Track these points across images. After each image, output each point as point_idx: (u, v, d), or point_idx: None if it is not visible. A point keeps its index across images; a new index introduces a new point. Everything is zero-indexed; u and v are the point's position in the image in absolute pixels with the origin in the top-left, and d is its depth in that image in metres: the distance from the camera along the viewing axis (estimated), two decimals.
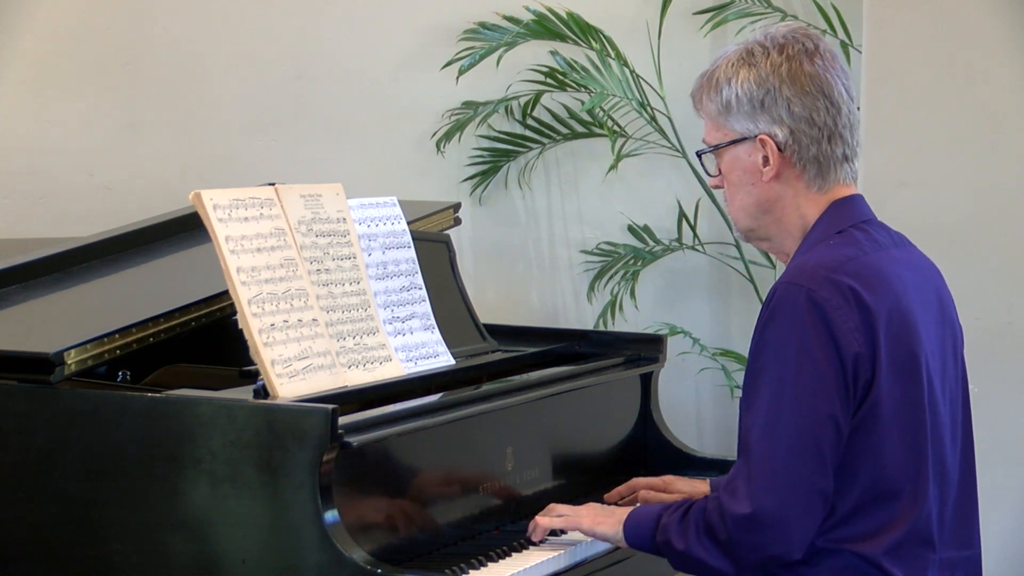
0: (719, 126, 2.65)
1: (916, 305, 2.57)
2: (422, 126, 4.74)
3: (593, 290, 4.70)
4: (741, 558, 2.52)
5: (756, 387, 2.52)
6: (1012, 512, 3.94)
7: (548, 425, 3.14)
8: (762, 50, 2.61)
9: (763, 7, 4.59)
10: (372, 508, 2.70)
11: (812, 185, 2.61)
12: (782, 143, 2.59)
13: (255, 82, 4.74)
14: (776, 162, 2.60)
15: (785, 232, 2.65)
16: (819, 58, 2.61)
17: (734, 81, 2.61)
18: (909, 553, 2.52)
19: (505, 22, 4.63)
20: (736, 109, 2.61)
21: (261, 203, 2.87)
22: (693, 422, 4.81)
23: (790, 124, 2.59)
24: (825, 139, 2.59)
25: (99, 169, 4.73)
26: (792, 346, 2.49)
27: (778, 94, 2.58)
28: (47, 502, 2.77)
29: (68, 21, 4.72)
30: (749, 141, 2.61)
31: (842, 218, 2.61)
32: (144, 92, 4.73)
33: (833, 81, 2.60)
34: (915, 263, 2.65)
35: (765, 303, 2.56)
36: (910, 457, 2.52)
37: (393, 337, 3.04)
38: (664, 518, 2.62)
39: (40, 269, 3.26)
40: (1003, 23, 3.89)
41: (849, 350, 2.47)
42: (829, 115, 2.59)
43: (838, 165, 2.61)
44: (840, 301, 2.48)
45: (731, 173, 2.65)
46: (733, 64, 2.62)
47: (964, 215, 3.93)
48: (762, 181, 2.62)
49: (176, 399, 2.70)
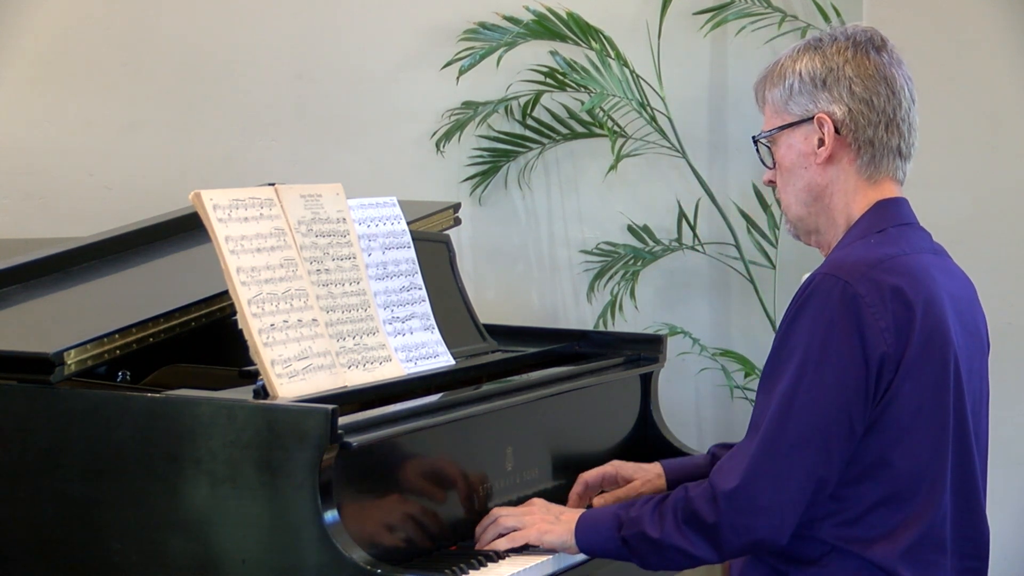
0: (778, 111, 2.67)
1: (949, 310, 2.56)
2: (422, 126, 4.74)
3: (593, 290, 4.70)
4: (726, 542, 2.52)
5: (778, 372, 2.53)
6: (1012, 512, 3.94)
7: (548, 425, 3.14)
8: (831, 38, 2.65)
9: (763, 7, 4.59)
10: (372, 508, 2.69)
11: (863, 171, 2.62)
12: (839, 121, 2.61)
13: (255, 82, 4.74)
14: (831, 143, 2.61)
15: (831, 223, 2.65)
16: (886, 53, 2.64)
17: (798, 64, 2.64)
18: (922, 558, 2.52)
19: (505, 22, 4.63)
20: (798, 90, 2.63)
21: (261, 203, 2.87)
22: (693, 422, 4.81)
23: (849, 104, 2.60)
24: (883, 125, 2.61)
25: (99, 169, 4.73)
26: (819, 338, 2.49)
27: (840, 73, 2.61)
28: (47, 502, 2.77)
29: (68, 21, 4.72)
30: (807, 124, 2.63)
31: (885, 218, 2.62)
32: (144, 92, 4.73)
33: (897, 75, 2.62)
34: (952, 272, 2.66)
35: (800, 290, 2.55)
36: (931, 459, 2.52)
37: (393, 337, 3.04)
38: (631, 512, 2.62)
39: (40, 269, 3.26)
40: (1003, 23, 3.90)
41: (876, 350, 2.47)
42: (890, 103, 2.61)
43: (892, 156, 2.63)
44: (876, 298, 2.48)
45: (785, 159, 2.67)
46: (800, 50, 2.66)
47: (964, 215, 3.93)
48: (815, 164, 2.63)
49: (176, 399, 2.70)
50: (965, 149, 3.94)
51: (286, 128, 4.76)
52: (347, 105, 4.75)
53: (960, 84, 3.93)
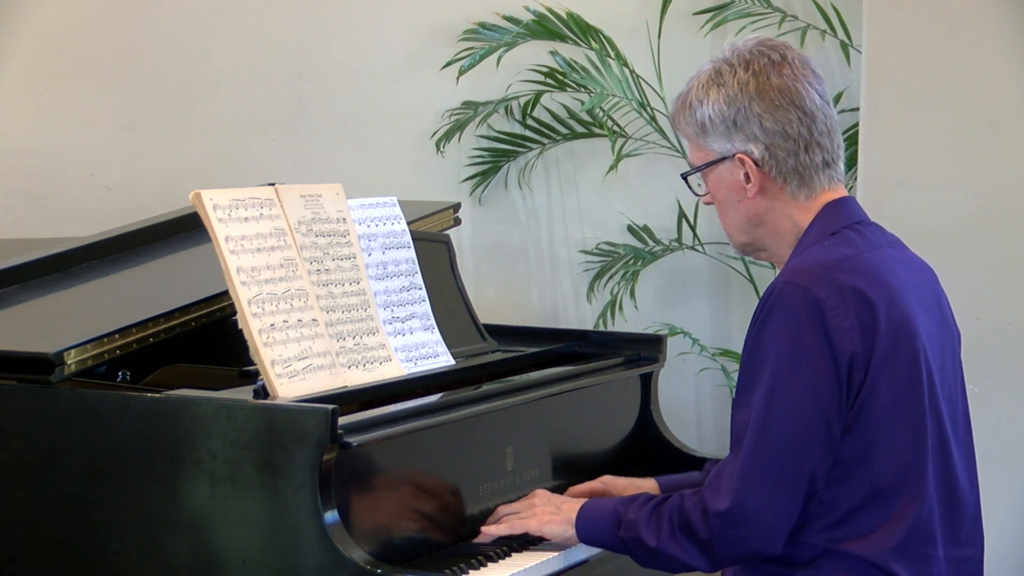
0: (699, 147, 2.67)
1: (914, 303, 2.58)
2: (422, 126, 4.74)
3: (593, 290, 4.70)
4: (721, 553, 2.53)
5: (750, 385, 2.54)
6: (1012, 512, 3.94)
7: (548, 425, 3.14)
8: (729, 68, 2.62)
9: (763, 7, 4.59)
10: (372, 508, 2.69)
11: (798, 195, 2.63)
12: (759, 159, 2.61)
13: (255, 82, 4.74)
14: (757, 178, 2.62)
15: (780, 240, 2.66)
16: (787, 68, 2.61)
17: (706, 103, 2.62)
18: (912, 551, 2.52)
19: (505, 22, 4.63)
20: (711, 130, 2.63)
21: (261, 203, 2.87)
22: (693, 422, 4.81)
23: (764, 140, 2.60)
24: (802, 150, 2.60)
25: (99, 169, 4.73)
26: (787, 346, 2.50)
27: (749, 112, 2.60)
28: (47, 502, 2.77)
29: (68, 21, 4.72)
30: (728, 160, 2.63)
31: (836, 220, 2.62)
32: (144, 92, 4.73)
33: (803, 90, 2.60)
34: (911, 263, 2.66)
35: (761, 301, 2.56)
36: (911, 452, 2.53)
37: (393, 337, 3.04)
38: (629, 514, 2.63)
39: (40, 269, 3.26)
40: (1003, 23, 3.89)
41: (845, 350, 2.48)
42: (803, 125, 2.60)
43: (819, 172, 2.62)
44: (837, 300, 2.49)
45: (718, 192, 2.68)
46: (703, 85, 2.64)
47: (964, 215, 3.92)
48: (747, 197, 2.64)
49: (176, 399, 2.70)
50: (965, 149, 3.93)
51: (286, 128, 4.76)
52: (347, 105, 4.75)
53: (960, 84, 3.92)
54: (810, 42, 4.59)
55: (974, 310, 3.82)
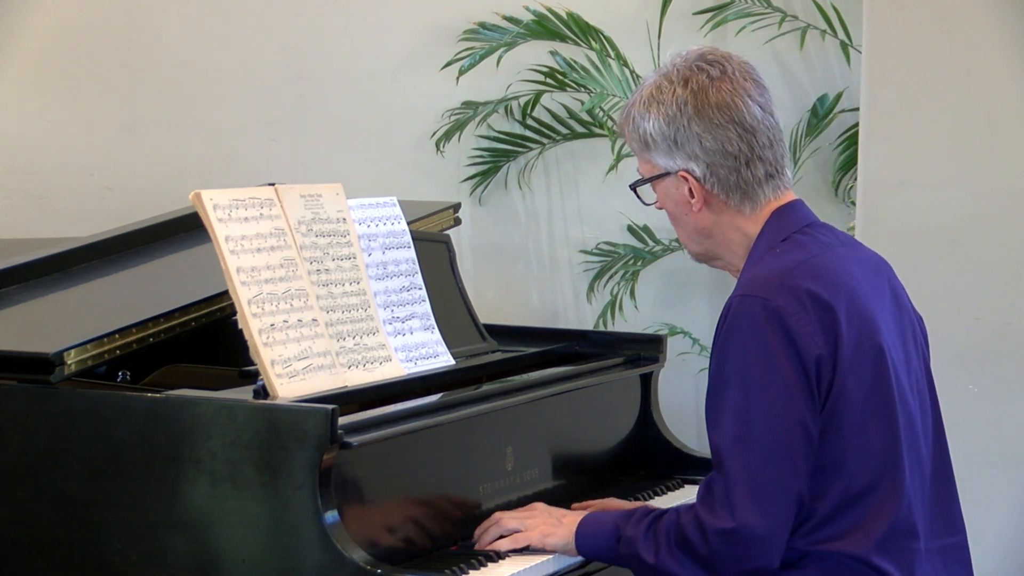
0: (644, 160, 2.69)
1: (872, 299, 2.58)
2: (422, 126, 4.74)
3: (593, 290, 4.70)
4: (722, 571, 2.52)
5: (722, 401, 2.54)
6: (1012, 512, 3.93)
7: (548, 425, 3.14)
8: (668, 85, 2.63)
9: (763, 7, 4.59)
10: (372, 508, 2.69)
11: (743, 208, 2.63)
12: (700, 177, 2.61)
13: (255, 82, 4.74)
14: (700, 194, 2.63)
15: (731, 250, 2.68)
16: (727, 83, 2.60)
17: (647, 119, 2.64)
18: (895, 546, 2.53)
19: (505, 22, 4.63)
20: (654, 146, 2.65)
21: (261, 203, 2.87)
22: (693, 422, 4.80)
23: (705, 158, 2.61)
24: (743, 165, 2.61)
25: (99, 169, 4.73)
26: (753, 356, 2.50)
27: (688, 131, 2.60)
28: (47, 502, 2.77)
29: (68, 21, 4.72)
30: (672, 175, 2.64)
31: (784, 226, 2.62)
32: (144, 92, 4.73)
33: (743, 104, 2.60)
34: (864, 259, 2.66)
35: (721, 318, 2.56)
36: (885, 449, 2.53)
37: (393, 337, 3.04)
38: (628, 530, 2.63)
39: (40, 269, 3.26)
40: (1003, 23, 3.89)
41: (811, 353, 2.48)
42: (743, 141, 2.60)
43: (763, 185, 2.63)
44: (796, 307, 2.49)
45: (666, 204, 2.70)
46: (644, 102, 2.65)
47: (964, 215, 3.92)
48: (693, 212, 2.65)
49: (176, 399, 2.70)
50: (965, 149, 3.93)
51: (286, 128, 4.76)
52: (347, 105, 4.75)
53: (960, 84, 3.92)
54: (810, 42, 4.60)
55: (974, 310, 3.82)
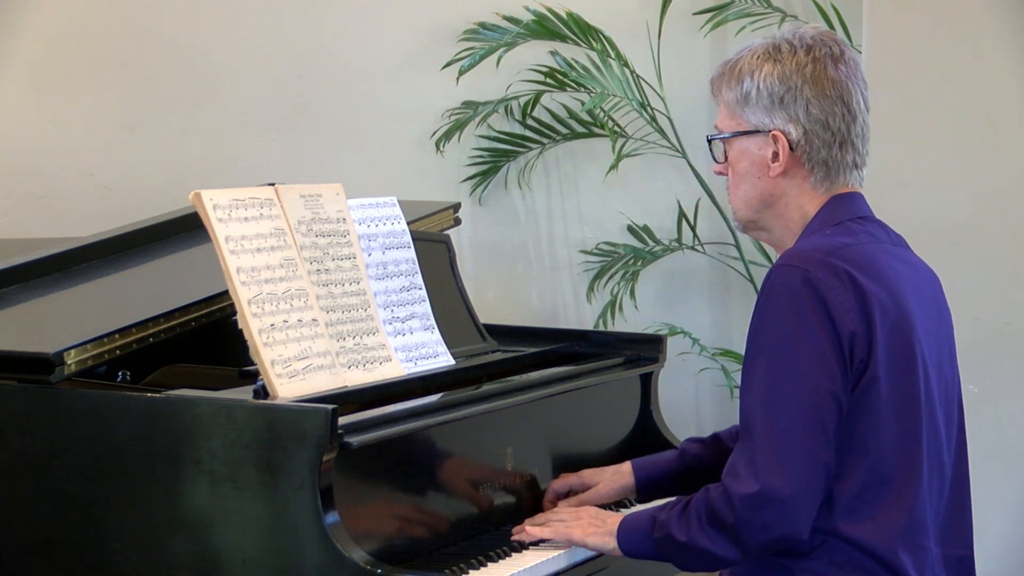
0: (734, 115, 2.66)
1: (912, 300, 2.57)
2: (422, 126, 4.74)
3: (593, 290, 4.70)
4: (749, 540, 2.50)
5: (755, 367, 2.53)
6: (1012, 512, 3.94)
7: (548, 425, 3.14)
8: (789, 47, 2.63)
9: (763, 7, 4.59)
10: (372, 508, 2.70)
11: (819, 187, 2.63)
12: (794, 142, 2.61)
13: (255, 82, 4.74)
14: (785, 160, 2.62)
15: (785, 226, 2.67)
16: (844, 65, 2.63)
17: (757, 74, 2.62)
18: (912, 543, 2.52)
19: (505, 22, 4.63)
20: (755, 101, 2.63)
21: (261, 203, 2.87)
22: (693, 422, 4.81)
23: (805, 124, 2.60)
24: (837, 144, 2.61)
25: (99, 169, 4.73)
26: (790, 324, 2.49)
27: (799, 93, 2.60)
28: (47, 502, 2.77)
29: (68, 21, 4.72)
30: (762, 135, 2.63)
31: (840, 212, 2.63)
32: (144, 92, 4.73)
33: (854, 89, 2.62)
34: (913, 263, 2.66)
35: (762, 286, 2.56)
36: (904, 445, 2.53)
37: (393, 337, 3.04)
38: (662, 515, 2.63)
39: (40, 269, 3.26)
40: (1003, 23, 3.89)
41: (845, 328, 2.48)
42: (844, 122, 2.61)
43: (847, 171, 2.64)
44: (836, 283, 2.49)
45: (738, 163, 2.67)
46: (759, 56, 2.63)
47: (964, 215, 3.93)
48: (768, 176, 2.64)
49: (176, 399, 2.70)
50: (965, 149, 3.94)
51: (286, 128, 4.76)
52: (347, 105, 4.75)
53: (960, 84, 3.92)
54: None
55: (974, 310, 3.82)
